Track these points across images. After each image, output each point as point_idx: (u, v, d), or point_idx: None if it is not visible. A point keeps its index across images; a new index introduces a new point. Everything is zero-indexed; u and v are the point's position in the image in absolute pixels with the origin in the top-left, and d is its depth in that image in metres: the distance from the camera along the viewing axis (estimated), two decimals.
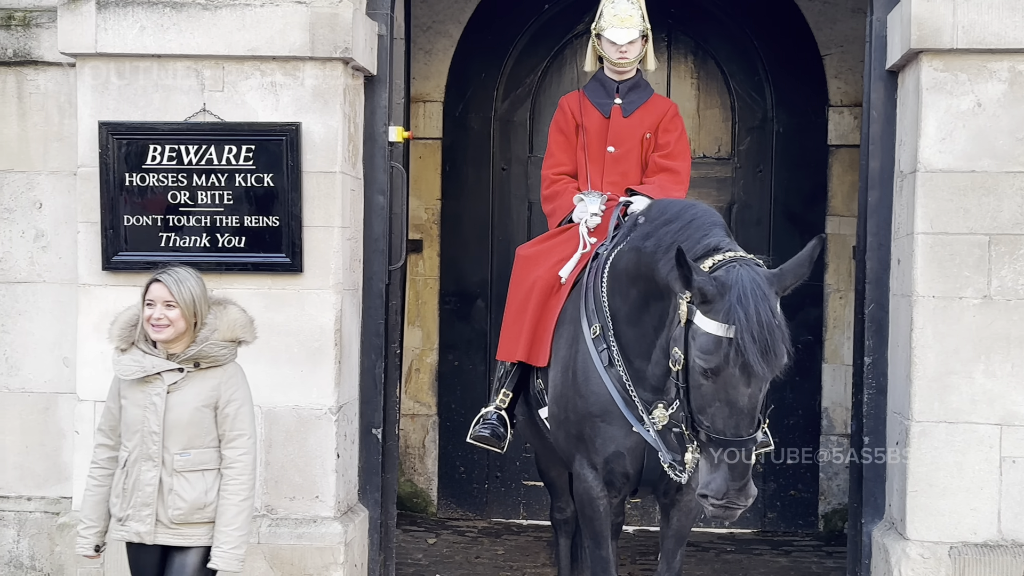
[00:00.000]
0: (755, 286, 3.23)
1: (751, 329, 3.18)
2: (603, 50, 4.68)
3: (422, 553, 6.27)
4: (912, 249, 4.42)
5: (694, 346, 3.30)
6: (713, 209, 3.73)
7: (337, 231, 4.72)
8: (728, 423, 3.26)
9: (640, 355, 3.82)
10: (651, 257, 3.64)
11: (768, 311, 3.22)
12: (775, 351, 3.21)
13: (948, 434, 4.38)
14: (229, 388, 3.83)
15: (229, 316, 3.86)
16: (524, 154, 7.10)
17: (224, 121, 4.68)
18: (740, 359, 3.20)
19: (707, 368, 3.27)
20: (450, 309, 7.15)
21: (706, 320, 3.26)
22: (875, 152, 4.76)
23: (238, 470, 3.80)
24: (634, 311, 3.81)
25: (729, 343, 3.20)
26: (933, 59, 4.37)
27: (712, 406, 3.28)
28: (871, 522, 4.77)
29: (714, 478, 3.26)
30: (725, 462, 3.24)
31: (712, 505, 3.28)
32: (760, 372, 3.22)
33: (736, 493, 3.25)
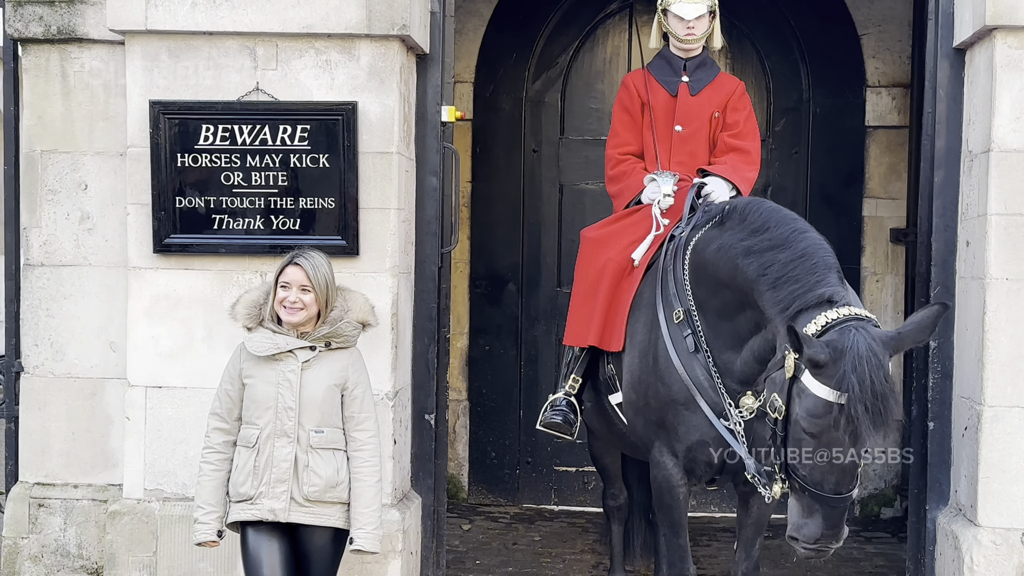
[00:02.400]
0: (870, 353, 3.11)
1: (864, 399, 3.07)
2: (670, 26, 4.58)
3: (458, 540, 6.21)
4: (985, 231, 4.35)
5: (799, 403, 3.18)
6: (823, 239, 3.55)
7: (393, 213, 4.62)
8: (828, 479, 3.18)
9: (728, 348, 3.74)
10: (754, 283, 3.50)
11: (882, 380, 3.11)
12: (887, 422, 3.12)
13: (1021, 419, 4.33)
14: (356, 371, 3.90)
15: (356, 301, 3.98)
16: (555, 136, 7.01)
17: (278, 100, 4.56)
18: (850, 427, 3.10)
19: (813, 432, 3.17)
20: (480, 293, 7.07)
21: (816, 383, 3.14)
22: (941, 132, 4.68)
23: (370, 451, 3.87)
24: (726, 308, 3.72)
25: (839, 409, 3.10)
26: (1008, 36, 4.29)
27: (814, 462, 3.19)
28: (935, 508, 4.72)
29: (807, 523, 3.20)
30: (819, 512, 3.19)
31: (802, 548, 3.23)
32: (871, 443, 3.14)
33: (829, 537, 3.20)
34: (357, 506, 3.84)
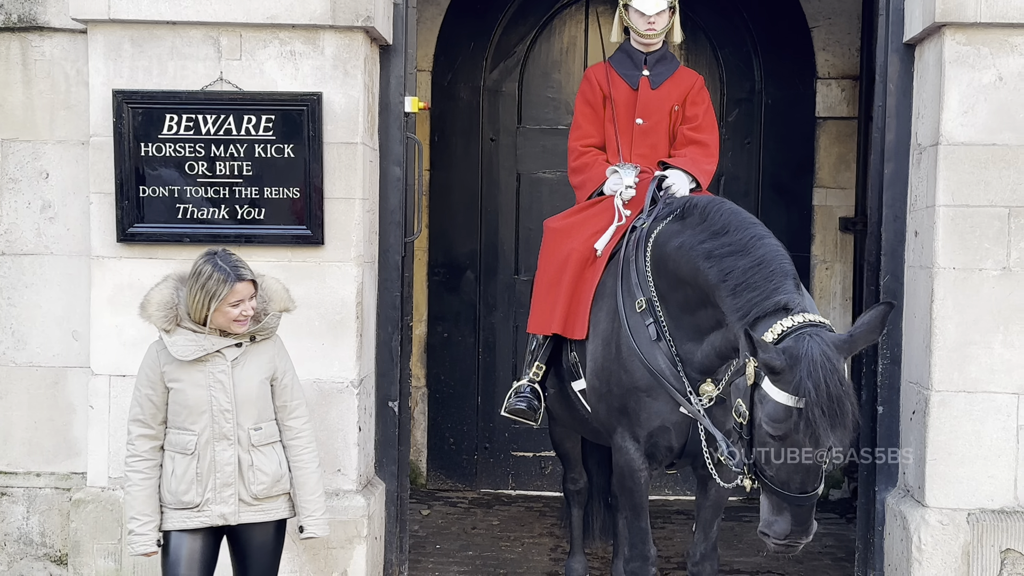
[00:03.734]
0: (824, 359, 3.21)
1: (821, 403, 3.17)
2: (631, 20, 4.66)
3: (418, 525, 6.27)
4: (933, 221, 4.49)
5: (761, 409, 3.29)
6: (780, 245, 3.64)
7: (358, 203, 4.66)
8: (793, 479, 3.28)
9: (689, 339, 3.83)
10: (715, 288, 3.58)
11: (837, 383, 3.21)
12: (844, 424, 3.22)
13: (967, 403, 4.47)
14: (282, 359, 3.84)
15: (272, 287, 3.83)
16: (513, 125, 7.07)
17: (242, 90, 4.58)
18: (809, 430, 3.20)
19: (776, 435, 3.27)
20: (439, 281, 7.12)
21: (775, 389, 3.24)
22: (891, 125, 4.81)
23: (306, 438, 3.83)
24: (687, 303, 3.81)
25: (799, 413, 3.20)
26: (956, 33, 4.41)
27: (777, 462, 3.29)
28: (884, 490, 4.87)
29: (777, 521, 3.30)
30: (788, 510, 3.28)
31: (773, 544, 3.33)
32: (829, 444, 3.23)
33: (799, 533, 3.30)
34: (303, 494, 3.80)
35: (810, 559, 5.80)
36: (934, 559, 4.46)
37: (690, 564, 4.12)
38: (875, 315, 3.39)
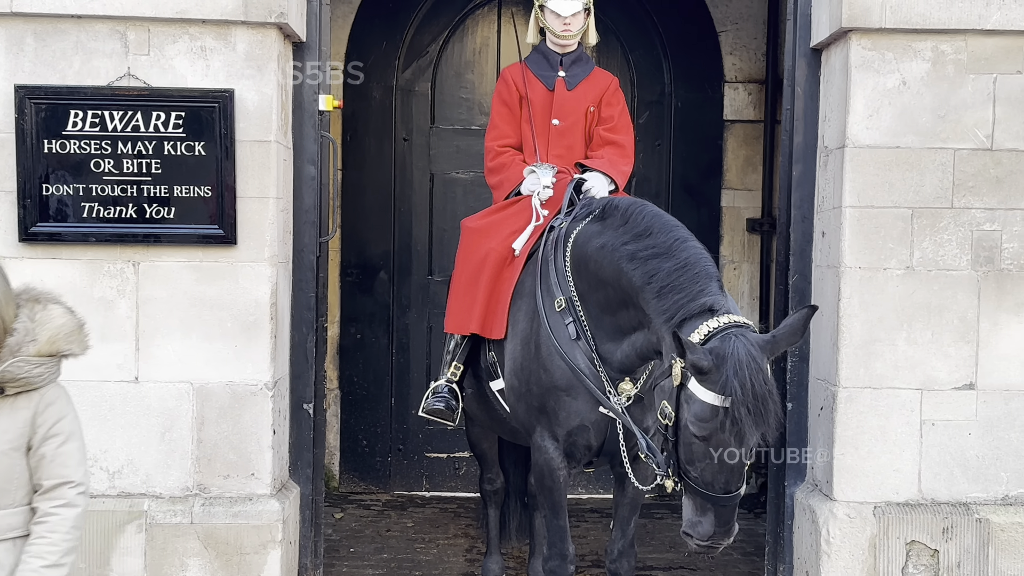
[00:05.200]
0: (750, 359, 3.26)
1: (746, 402, 3.22)
2: (546, 22, 4.68)
3: (331, 528, 6.21)
4: (840, 222, 4.60)
5: (687, 410, 3.32)
6: (703, 248, 3.68)
7: (272, 202, 4.59)
8: (718, 479, 3.32)
9: (609, 339, 3.84)
10: (639, 290, 3.61)
11: (762, 382, 3.26)
12: (768, 422, 3.27)
13: (872, 399, 4.59)
14: (48, 419, 2.74)
15: (51, 322, 2.75)
16: (426, 125, 7.05)
17: (151, 86, 4.47)
18: (735, 428, 3.25)
19: (701, 435, 3.31)
20: (351, 282, 7.06)
21: (702, 389, 3.27)
22: (799, 128, 4.92)
23: (50, 525, 2.71)
24: (608, 304, 3.82)
25: (724, 412, 3.24)
26: (862, 38, 4.53)
27: (702, 463, 3.33)
28: (793, 485, 4.97)
29: (701, 522, 3.33)
30: (711, 511, 3.32)
31: (696, 544, 3.36)
32: (753, 442, 3.29)
33: (721, 534, 3.33)
34: None
35: (721, 554, 5.88)
36: (842, 552, 4.57)
37: (608, 561, 4.16)
38: (798, 318, 3.46)
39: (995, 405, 4.58)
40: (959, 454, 4.59)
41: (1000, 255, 4.55)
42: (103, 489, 4.59)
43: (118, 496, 4.62)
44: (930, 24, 4.48)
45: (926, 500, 4.61)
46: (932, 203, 4.55)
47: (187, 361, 4.58)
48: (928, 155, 4.54)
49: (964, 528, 4.56)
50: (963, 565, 4.57)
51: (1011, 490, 4.60)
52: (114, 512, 4.58)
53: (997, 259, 4.55)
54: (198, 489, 4.63)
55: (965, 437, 4.58)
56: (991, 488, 4.60)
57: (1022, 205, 4.54)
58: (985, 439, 4.58)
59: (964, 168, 4.54)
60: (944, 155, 4.54)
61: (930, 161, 4.54)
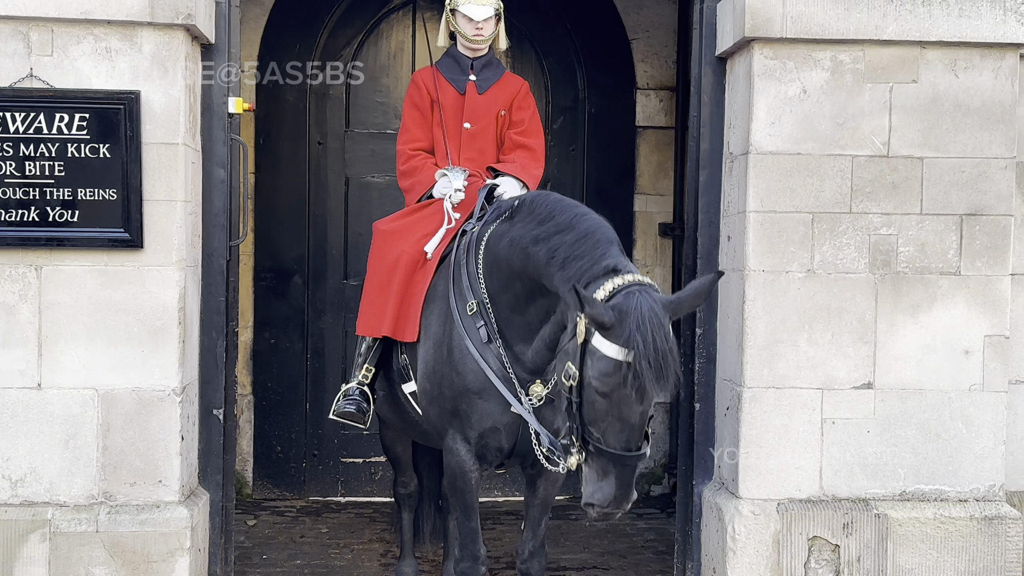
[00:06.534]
0: (652, 314, 3.32)
1: (648, 355, 3.27)
2: (458, 26, 4.72)
3: (244, 535, 6.15)
4: (744, 226, 4.71)
5: (591, 366, 3.36)
6: (603, 219, 3.76)
7: (180, 205, 4.54)
8: (619, 438, 3.36)
9: (520, 340, 3.89)
10: (544, 267, 3.65)
11: (663, 338, 3.33)
12: (668, 377, 3.34)
13: (776, 398, 4.71)
14: None
15: None
16: (341, 128, 7.03)
17: (54, 88, 4.40)
18: (636, 383, 3.30)
19: (604, 390, 3.35)
20: (265, 286, 7.01)
21: (605, 343, 3.33)
22: (705, 134, 5.02)
23: None
24: (518, 301, 3.86)
25: (627, 367, 3.30)
26: (764, 47, 4.65)
27: (604, 421, 3.37)
28: (701, 483, 5.07)
29: (601, 487, 3.36)
30: (613, 473, 3.35)
31: (597, 512, 3.39)
32: (654, 396, 3.35)
33: (619, 500, 3.37)
34: None
35: (633, 553, 5.99)
36: (747, 548, 4.68)
37: (519, 561, 4.19)
38: (704, 281, 3.55)
39: (892, 404, 4.73)
40: (858, 451, 4.73)
41: (896, 258, 4.70)
42: (5, 498, 4.50)
43: (21, 505, 4.53)
44: (829, 34, 4.61)
45: (827, 497, 4.74)
46: (832, 208, 4.68)
47: (92, 367, 4.51)
48: (828, 161, 4.68)
49: (864, 523, 4.70)
50: (863, 559, 4.71)
51: (908, 486, 4.75)
52: (17, 521, 4.49)
53: (893, 262, 4.70)
54: (104, 497, 4.56)
55: (864, 435, 4.72)
56: (889, 484, 4.74)
57: (917, 210, 4.70)
58: (883, 437, 4.73)
59: (862, 174, 4.68)
60: (843, 161, 4.68)
61: (830, 167, 4.68)
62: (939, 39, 4.64)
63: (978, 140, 4.70)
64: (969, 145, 4.70)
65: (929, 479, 4.75)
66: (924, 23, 4.62)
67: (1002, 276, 4.73)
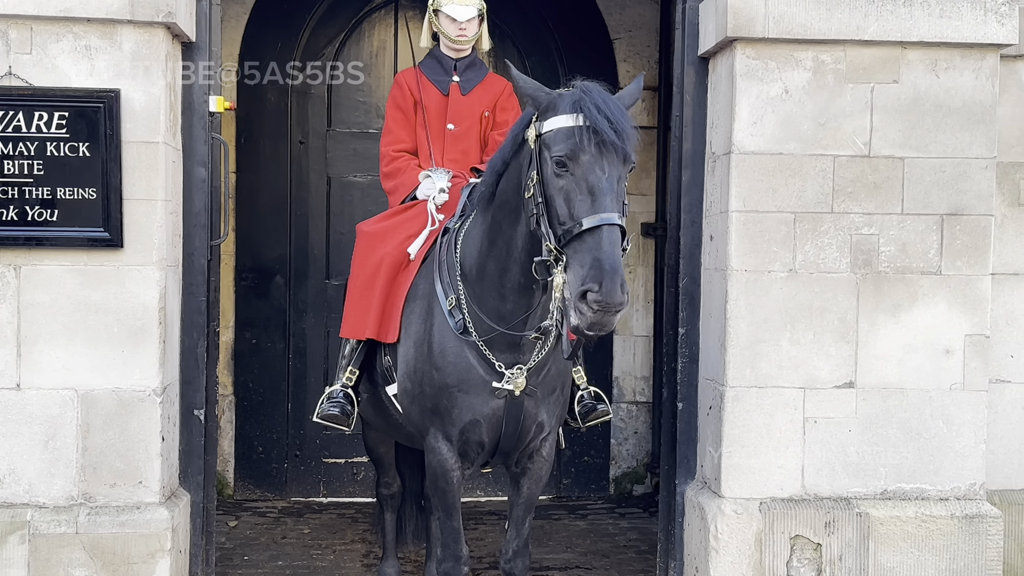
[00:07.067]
0: (596, 87, 3.43)
1: (599, 108, 3.31)
2: (441, 26, 4.71)
3: (225, 536, 6.13)
4: (726, 226, 4.72)
5: (548, 154, 3.36)
6: None
7: (160, 204, 4.52)
8: (592, 206, 3.28)
9: (499, 299, 3.81)
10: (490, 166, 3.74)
11: (613, 100, 3.40)
12: (625, 130, 3.35)
13: (758, 398, 4.71)
14: None
15: None
16: (323, 128, 7.02)
17: (33, 86, 4.36)
18: (595, 138, 3.29)
19: (563, 156, 3.31)
20: (247, 286, 6.98)
21: (555, 119, 3.36)
22: (687, 134, 5.03)
23: None
24: (486, 242, 3.83)
25: (581, 129, 3.30)
26: (746, 47, 4.66)
27: (575, 200, 3.30)
28: (684, 483, 5.07)
29: (589, 273, 3.21)
30: (597, 253, 3.21)
31: (592, 298, 3.19)
32: (614, 144, 3.31)
33: (610, 282, 3.18)
34: None
35: (616, 553, 6.00)
36: (729, 547, 4.68)
37: (503, 561, 4.19)
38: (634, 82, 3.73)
39: (873, 403, 4.74)
40: (840, 450, 4.74)
41: (877, 258, 4.72)
42: None
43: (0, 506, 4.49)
44: (811, 34, 4.62)
45: (809, 496, 4.75)
46: (813, 208, 4.69)
47: (71, 367, 4.48)
48: (810, 161, 4.69)
49: (845, 522, 4.72)
50: (845, 558, 4.72)
51: (889, 485, 4.77)
52: None
53: (874, 262, 4.72)
54: (83, 498, 4.53)
55: (846, 434, 4.73)
56: (870, 483, 4.76)
57: (898, 210, 4.72)
58: (864, 436, 4.74)
59: (843, 174, 4.69)
60: (824, 162, 4.69)
61: (811, 167, 4.69)
62: (920, 39, 4.65)
63: (959, 140, 4.72)
64: (950, 145, 4.72)
65: (910, 478, 4.76)
66: (905, 23, 4.64)
67: (982, 276, 4.75)
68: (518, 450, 4.02)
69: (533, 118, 3.52)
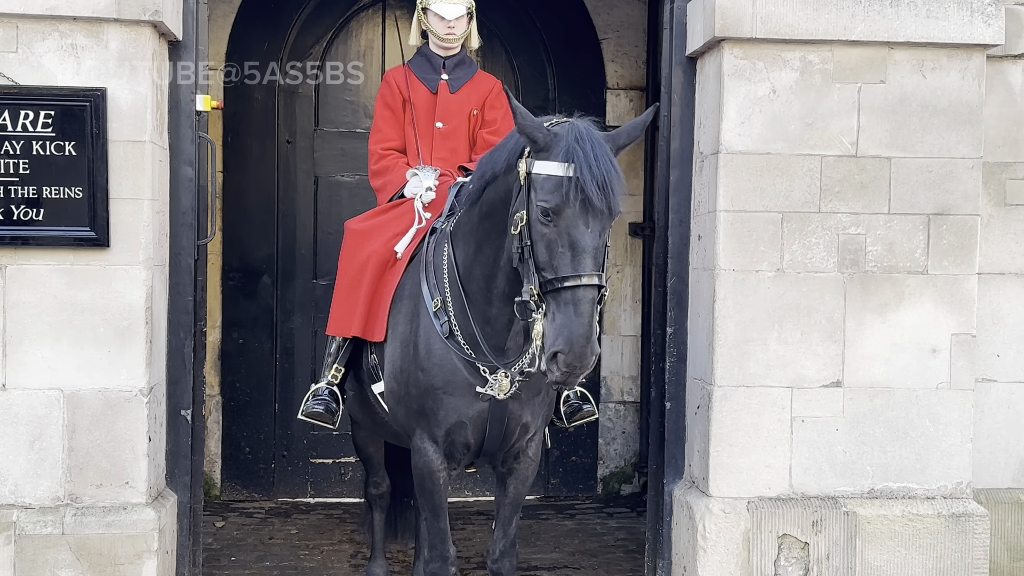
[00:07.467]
0: (589, 132, 3.40)
1: (589, 165, 3.31)
2: (430, 24, 4.70)
3: (212, 537, 6.11)
4: (714, 226, 4.72)
5: (535, 197, 3.39)
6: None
7: (147, 204, 4.50)
8: (573, 263, 3.33)
9: (487, 303, 3.82)
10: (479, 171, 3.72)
11: (605, 153, 3.37)
12: (612, 188, 3.36)
13: (746, 397, 4.72)
14: None
15: None
16: (310, 127, 7.00)
17: (18, 84, 4.34)
18: (580, 195, 3.31)
19: (548, 208, 3.35)
20: (234, 286, 6.96)
21: (546, 165, 3.38)
22: (676, 134, 5.03)
23: None
24: (483, 256, 3.83)
25: (569, 181, 3.32)
26: (734, 47, 4.66)
27: (556, 252, 3.35)
28: (672, 482, 5.08)
29: (562, 330, 3.29)
30: (572, 310, 3.28)
31: (562, 360, 3.27)
32: (599, 205, 3.33)
33: (582, 340, 3.25)
34: None
35: (603, 552, 6.00)
36: (717, 546, 4.69)
37: (490, 561, 4.18)
38: (642, 116, 3.66)
39: (860, 402, 4.75)
40: (827, 450, 4.75)
41: (864, 257, 4.73)
42: None
43: None
44: (798, 35, 4.63)
45: (797, 495, 4.76)
46: (801, 207, 4.70)
47: (57, 367, 4.46)
48: (797, 161, 4.70)
49: (833, 521, 4.73)
50: (832, 557, 4.74)
51: (876, 484, 4.78)
52: None
53: (862, 261, 4.73)
54: (70, 499, 4.50)
55: (833, 433, 4.74)
56: (858, 482, 4.77)
57: (885, 209, 4.74)
58: (851, 435, 4.76)
59: (831, 174, 4.71)
60: (812, 161, 4.70)
61: (799, 167, 4.70)
62: (907, 40, 4.67)
63: (945, 140, 4.74)
64: (936, 145, 4.74)
65: (897, 477, 4.78)
66: (892, 24, 4.65)
67: (968, 275, 4.77)
68: (503, 450, 4.02)
69: (526, 151, 3.52)
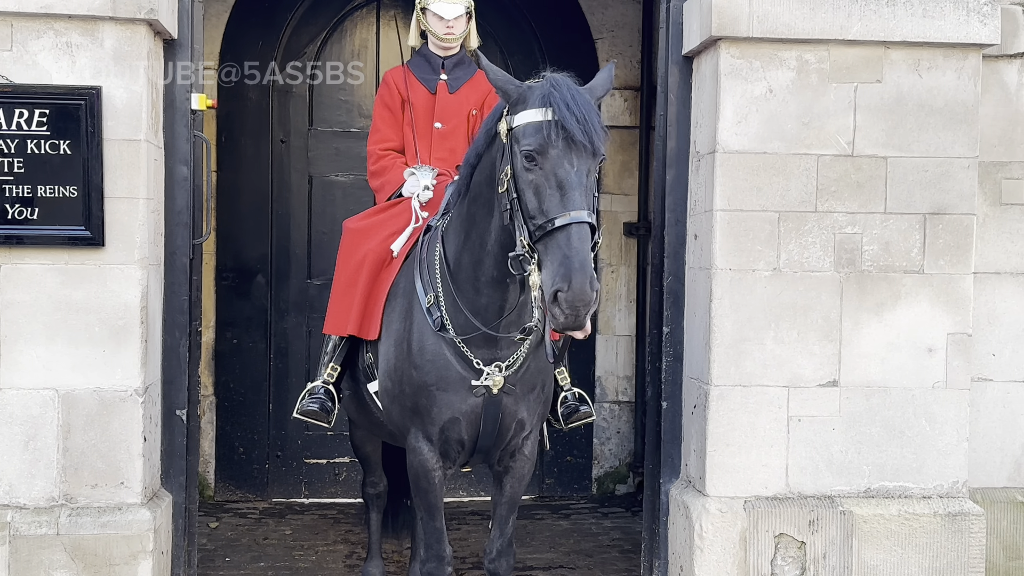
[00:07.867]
0: (565, 80, 3.46)
1: (568, 105, 3.35)
2: (429, 24, 4.70)
3: (206, 538, 6.08)
4: (711, 225, 4.72)
5: (518, 148, 3.41)
6: None
7: (142, 203, 4.48)
8: (562, 202, 3.33)
9: (476, 293, 3.81)
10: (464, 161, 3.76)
11: (582, 95, 3.42)
12: (593, 124, 3.37)
13: (743, 397, 4.72)
14: None
15: None
16: (304, 126, 6.98)
17: (13, 83, 4.32)
18: (562, 133, 3.33)
19: (532, 151, 3.36)
20: (228, 285, 6.94)
21: (524, 113, 3.42)
22: (672, 133, 5.03)
23: None
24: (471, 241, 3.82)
25: (549, 124, 3.35)
26: (731, 47, 4.66)
27: (544, 195, 3.35)
28: (668, 482, 5.07)
29: (560, 270, 3.26)
30: (567, 250, 3.26)
31: (563, 299, 3.23)
32: (582, 139, 3.34)
33: (581, 278, 3.22)
34: None
35: (599, 552, 6.00)
36: (714, 545, 4.69)
37: (487, 561, 4.17)
38: (604, 70, 3.73)
39: (857, 401, 4.76)
40: (824, 449, 4.75)
41: (861, 257, 4.73)
42: None
43: None
44: (795, 34, 4.63)
45: (793, 494, 4.76)
46: (797, 207, 4.70)
47: (52, 367, 4.44)
48: (793, 161, 4.70)
49: (829, 520, 4.73)
50: (828, 556, 4.74)
51: (872, 483, 4.78)
52: None
53: (858, 261, 4.73)
54: (64, 499, 4.48)
55: (829, 432, 4.75)
56: (854, 481, 4.78)
57: (881, 209, 4.74)
58: (848, 434, 4.76)
59: (827, 173, 4.71)
60: (808, 161, 4.70)
61: (795, 166, 4.70)
62: (903, 39, 4.67)
63: (941, 140, 4.74)
64: (932, 145, 4.74)
65: (894, 476, 4.78)
66: (888, 23, 4.65)
67: (964, 275, 4.78)
68: (499, 448, 4.01)
69: (504, 111, 3.57)
